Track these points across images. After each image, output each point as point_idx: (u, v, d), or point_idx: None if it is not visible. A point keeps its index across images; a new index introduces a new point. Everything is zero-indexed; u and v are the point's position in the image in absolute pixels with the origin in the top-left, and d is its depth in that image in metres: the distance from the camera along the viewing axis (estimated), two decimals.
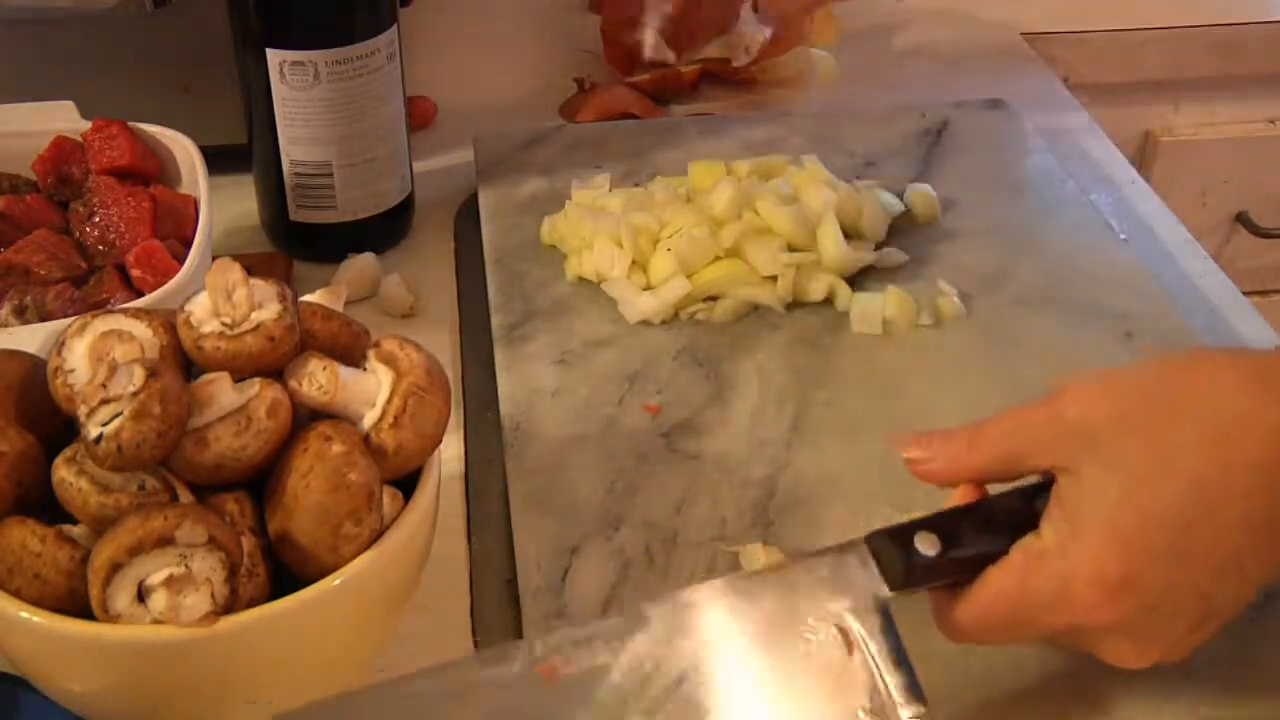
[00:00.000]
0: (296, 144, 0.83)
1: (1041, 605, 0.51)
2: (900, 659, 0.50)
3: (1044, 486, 0.53)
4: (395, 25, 0.83)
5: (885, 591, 0.51)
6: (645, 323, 0.79)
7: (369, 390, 0.54)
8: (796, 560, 0.52)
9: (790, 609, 0.51)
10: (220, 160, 0.81)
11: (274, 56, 0.80)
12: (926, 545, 0.51)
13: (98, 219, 0.75)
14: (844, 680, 0.49)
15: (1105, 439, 0.51)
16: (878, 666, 0.49)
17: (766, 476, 0.68)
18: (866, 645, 0.50)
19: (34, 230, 0.75)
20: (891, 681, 0.49)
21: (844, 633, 0.50)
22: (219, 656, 0.49)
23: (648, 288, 0.80)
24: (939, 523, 0.52)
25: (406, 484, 0.55)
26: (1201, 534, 0.49)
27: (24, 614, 0.49)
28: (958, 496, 0.55)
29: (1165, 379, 0.52)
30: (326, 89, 0.81)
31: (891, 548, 0.51)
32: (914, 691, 0.49)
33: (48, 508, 0.51)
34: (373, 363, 0.55)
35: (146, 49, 0.89)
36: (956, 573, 0.52)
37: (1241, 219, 1.32)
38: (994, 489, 0.55)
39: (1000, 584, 0.51)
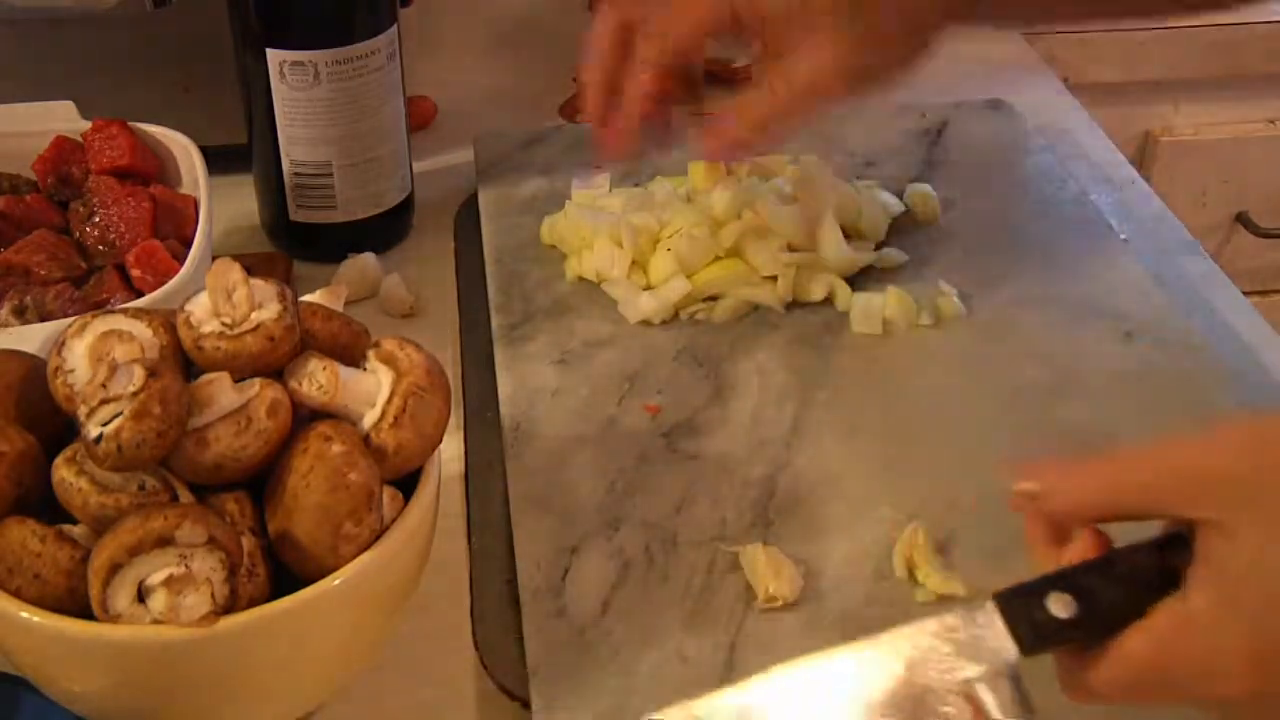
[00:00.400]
0: (296, 144, 0.83)
1: (1186, 675, 0.47)
2: None
3: (1177, 537, 0.48)
4: (395, 25, 0.83)
5: (1015, 655, 0.48)
6: (645, 323, 0.79)
7: (369, 390, 0.54)
8: (923, 622, 0.49)
9: (919, 677, 0.48)
10: (220, 160, 0.81)
11: (274, 56, 0.80)
12: (1060, 606, 0.48)
13: (98, 219, 0.75)
14: None
15: (1267, 493, 0.46)
16: None
17: (766, 476, 0.68)
18: (997, 716, 0.47)
19: (34, 230, 0.75)
20: None
21: (973, 701, 0.48)
22: (219, 656, 0.49)
23: (648, 288, 0.80)
24: (1070, 580, 0.49)
25: (406, 484, 0.55)
26: None
27: (24, 614, 0.49)
28: (1081, 543, 0.50)
29: None
30: (326, 89, 0.81)
31: (1023, 609, 0.48)
32: None
33: (48, 508, 0.51)
34: (373, 363, 0.55)
35: (146, 49, 0.89)
36: (1088, 635, 0.49)
37: (1241, 219, 1.32)
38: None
39: (1141, 649, 0.47)
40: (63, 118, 0.80)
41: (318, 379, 0.53)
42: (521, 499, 0.67)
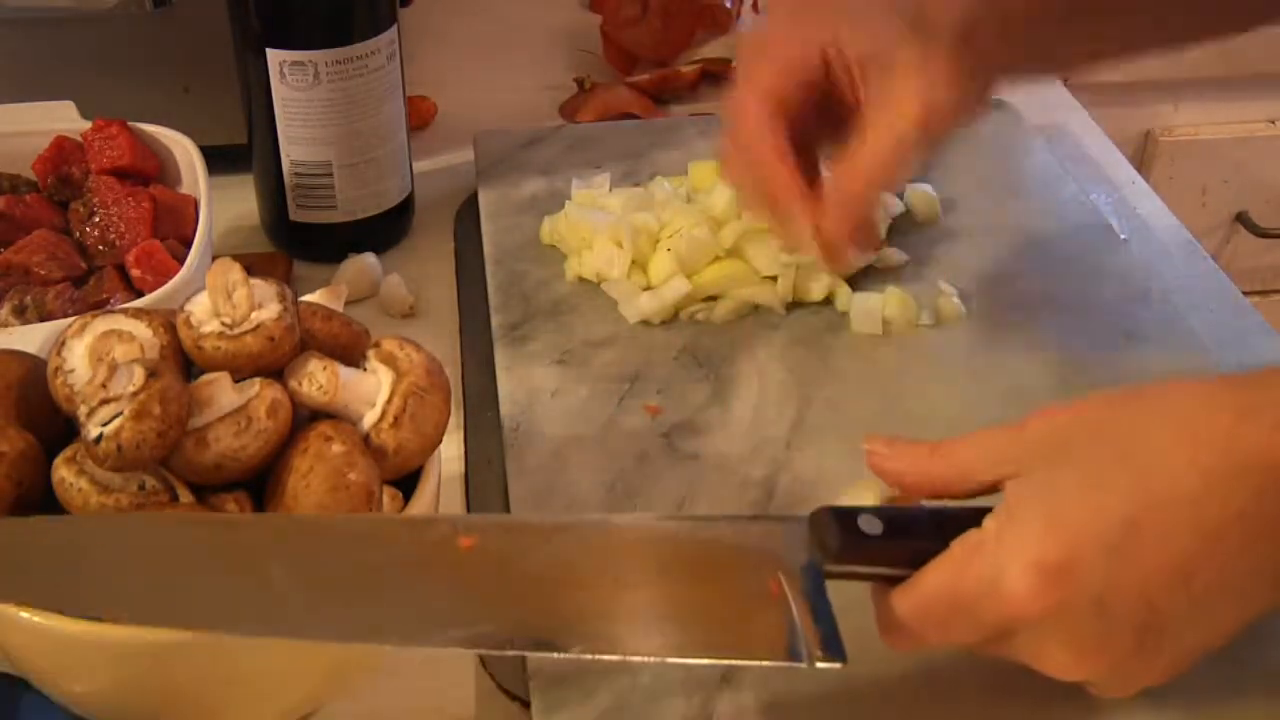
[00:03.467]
0: (296, 144, 0.83)
1: (977, 595, 0.50)
2: (825, 616, 0.50)
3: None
4: (395, 25, 0.83)
5: (821, 561, 0.51)
6: (645, 323, 0.79)
7: (369, 390, 0.54)
8: (738, 519, 0.52)
9: (725, 556, 0.51)
10: (220, 160, 0.81)
11: (274, 56, 0.80)
12: (869, 525, 0.51)
13: (98, 219, 0.75)
14: (763, 623, 0.49)
15: (1060, 444, 0.51)
16: (801, 618, 0.49)
17: (766, 476, 0.68)
18: (793, 600, 0.50)
19: (34, 230, 0.75)
20: (811, 633, 0.49)
21: (775, 585, 0.50)
22: (219, 656, 0.49)
23: (648, 288, 0.80)
24: (889, 512, 0.52)
25: (406, 484, 0.55)
26: (1147, 533, 0.48)
27: (24, 614, 0.49)
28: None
29: (1130, 392, 0.52)
30: (326, 89, 0.81)
31: (833, 521, 0.51)
32: (834, 645, 0.49)
33: (48, 508, 0.51)
34: (373, 363, 0.55)
35: (146, 49, 0.89)
36: (896, 562, 0.51)
37: (1241, 219, 1.32)
38: None
39: (938, 577, 0.50)
40: (63, 118, 0.80)
41: (318, 379, 0.53)
42: (521, 499, 0.67)
